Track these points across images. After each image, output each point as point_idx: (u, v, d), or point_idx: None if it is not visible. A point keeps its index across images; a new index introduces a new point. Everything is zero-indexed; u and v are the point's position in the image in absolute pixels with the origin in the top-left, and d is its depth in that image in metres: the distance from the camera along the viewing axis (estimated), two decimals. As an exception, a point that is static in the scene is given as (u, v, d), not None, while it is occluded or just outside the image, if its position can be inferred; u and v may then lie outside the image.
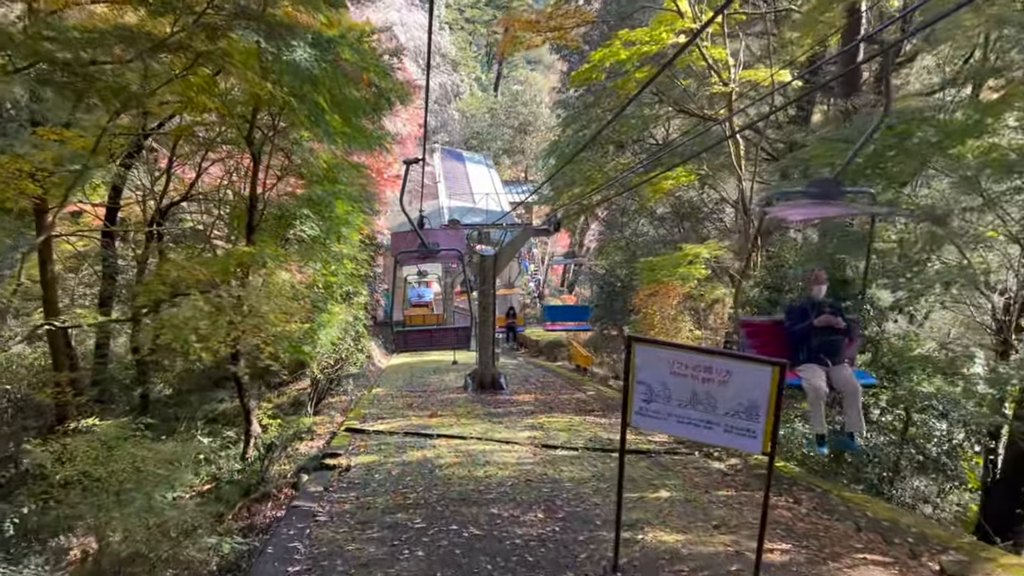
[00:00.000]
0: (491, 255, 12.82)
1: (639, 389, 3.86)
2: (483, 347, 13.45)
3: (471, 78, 45.39)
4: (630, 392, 3.95)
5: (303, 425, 10.23)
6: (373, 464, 7.75)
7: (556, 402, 12.32)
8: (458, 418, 10.54)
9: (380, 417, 10.77)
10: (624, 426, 4.12)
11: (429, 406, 11.91)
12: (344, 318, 9.88)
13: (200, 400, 14.80)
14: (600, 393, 13.37)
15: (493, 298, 13.16)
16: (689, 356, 3.66)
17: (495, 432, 9.37)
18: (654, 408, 3.82)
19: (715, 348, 5.06)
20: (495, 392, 13.32)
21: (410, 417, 10.72)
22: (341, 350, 11.17)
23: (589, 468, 7.30)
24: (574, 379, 15.70)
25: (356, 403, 12.66)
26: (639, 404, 3.89)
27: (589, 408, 11.55)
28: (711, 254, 10.05)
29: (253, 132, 9.08)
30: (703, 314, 11.61)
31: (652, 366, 3.77)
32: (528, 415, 10.84)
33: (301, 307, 7.75)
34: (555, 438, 8.93)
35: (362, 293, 10.99)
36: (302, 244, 8.07)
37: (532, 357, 23.26)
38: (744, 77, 10.44)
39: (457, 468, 7.38)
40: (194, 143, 12.03)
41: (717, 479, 6.93)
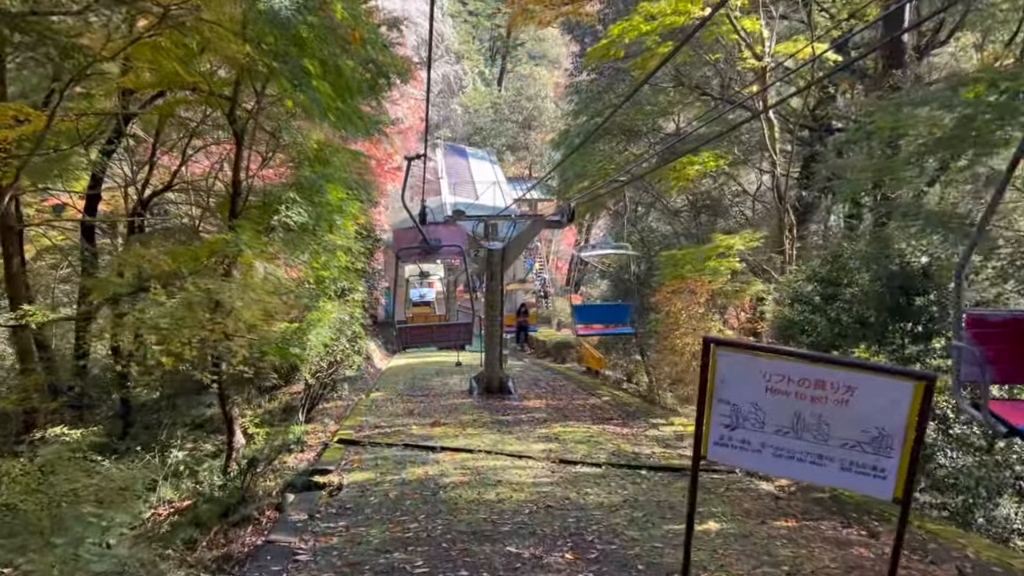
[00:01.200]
0: (499, 249, 11.82)
1: (720, 411, 2.86)
2: (490, 348, 12.45)
3: (474, 72, 44.34)
4: (706, 415, 2.94)
5: (293, 435, 9.25)
6: (368, 483, 6.76)
7: (570, 408, 11.32)
8: (463, 427, 9.55)
9: (377, 426, 9.78)
10: (697, 461, 3.10)
11: (431, 413, 10.92)
12: (338, 317, 8.90)
13: (187, 404, 13.88)
14: (616, 398, 12.36)
15: (501, 295, 12.16)
16: (795, 366, 2.66)
17: (506, 444, 8.37)
18: (741, 437, 2.82)
19: (830, 356, 3.60)
20: (503, 397, 12.32)
21: (411, 426, 9.73)
22: (335, 352, 10.19)
23: (618, 491, 6.29)
24: (586, 383, 14.70)
25: (352, 409, 11.67)
26: (719, 431, 2.88)
27: (607, 416, 10.54)
28: (745, 245, 9.06)
29: (236, 109, 8.10)
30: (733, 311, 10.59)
31: (741, 380, 2.77)
32: (540, 424, 9.84)
33: (286, 304, 6.78)
34: (573, 452, 7.93)
35: (359, 289, 10.01)
36: (289, 233, 7.10)
37: (539, 358, 22.27)
38: (780, 51, 9.43)
39: (464, 489, 6.38)
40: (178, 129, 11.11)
41: (769, 505, 5.92)
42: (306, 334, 7.70)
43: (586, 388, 13.79)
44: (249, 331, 6.31)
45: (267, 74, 6.23)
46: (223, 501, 7.87)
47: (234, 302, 5.57)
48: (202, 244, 6.67)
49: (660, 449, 8.14)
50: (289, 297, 6.68)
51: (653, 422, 9.81)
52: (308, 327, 7.80)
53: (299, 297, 6.73)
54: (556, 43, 52.98)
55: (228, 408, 8.66)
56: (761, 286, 8.75)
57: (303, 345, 7.82)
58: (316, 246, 7.64)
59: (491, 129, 42.06)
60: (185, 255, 6.20)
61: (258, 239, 6.33)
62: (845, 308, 6.32)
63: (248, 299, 5.68)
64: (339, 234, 9.12)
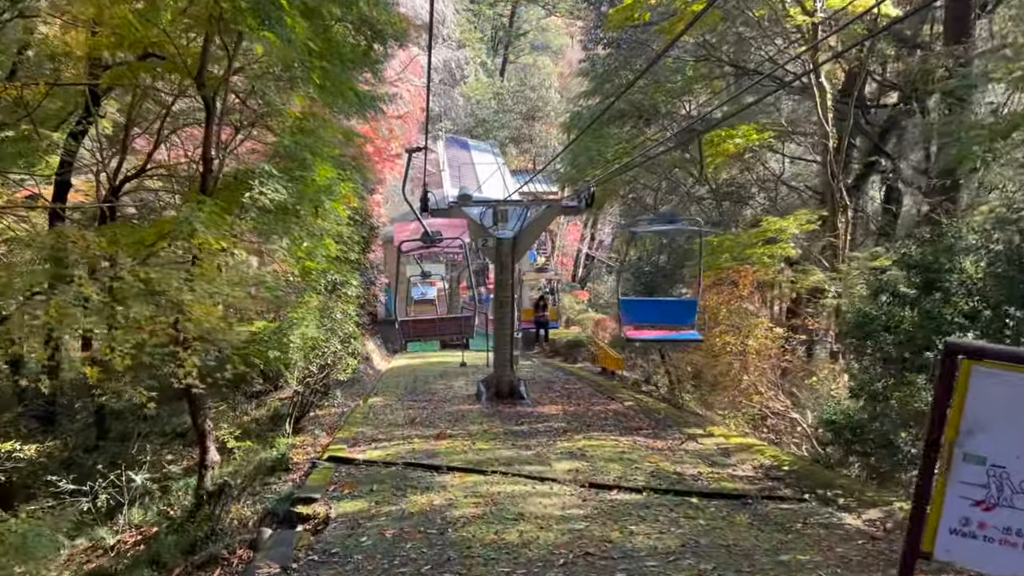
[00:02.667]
0: (509, 238, 10.59)
1: (965, 475, 1.62)
2: (499, 348, 11.23)
3: (476, 63, 42.99)
4: (939, 482, 1.70)
5: (278, 449, 8.04)
6: (360, 516, 5.54)
7: (590, 416, 10.08)
8: (473, 439, 8.32)
9: (374, 439, 8.56)
10: (912, 559, 1.84)
11: (435, 422, 9.70)
12: (328, 314, 7.66)
13: (169, 411, 12.72)
14: (640, 403, 11.12)
15: (512, 289, 10.93)
16: None
17: (523, 462, 7.15)
18: (1004, 522, 1.59)
19: None
20: (514, 402, 11.10)
21: (412, 439, 8.50)
22: (326, 355, 8.96)
23: (670, 528, 5.06)
24: (603, 385, 13.46)
25: (347, 418, 10.45)
26: (960, 511, 1.65)
27: (634, 425, 9.31)
28: (800, 228, 7.81)
29: (204, 71, 6.87)
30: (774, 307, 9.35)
31: (1018, 421, 1.55)
32: (560, 435, 8.62)
33: (255, 299, 5.56)
34: (605, 472, 6.70)
35: (352, 283, 8.79)
36: (265, 215, 5.89)
37: (548, 358, 21.04)
38: (832, 5, 8.16)
39: (479, 526, 5.15)
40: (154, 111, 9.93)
41: (866, 547, 4.69)
42: (287, 334, 6.49)
43: (604, 391, 12.56)
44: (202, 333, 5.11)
45: (232, 13, 4.99)
46: (190, 533, 6.68)
47: (181, 295, 4.36)
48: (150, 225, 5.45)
49: (706, 468, 6.90)
50: (260, 290, 5.48)
51: (689, 432, 8.57)
52: (289, 326, 6.58)
53: (271, 290, 5.54)
54: (559, 33, 51.74)
55: (201, 421, 7.44)
56: (820, 276, 7.54)
57: (284, 347, 6.60)
58: (298, 231, 6.42)
59: (494, 120, 40.71)
60: (127, 238, 4.99)
61: (221, 219, 5.12)
62: (946, 299, 5.13)
63: (201, 292, 4.48)
64: (328, 219, 7.89)
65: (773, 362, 7.97)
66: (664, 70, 14.40)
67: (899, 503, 5.39)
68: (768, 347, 7.86)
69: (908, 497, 5.73)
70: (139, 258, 4.58)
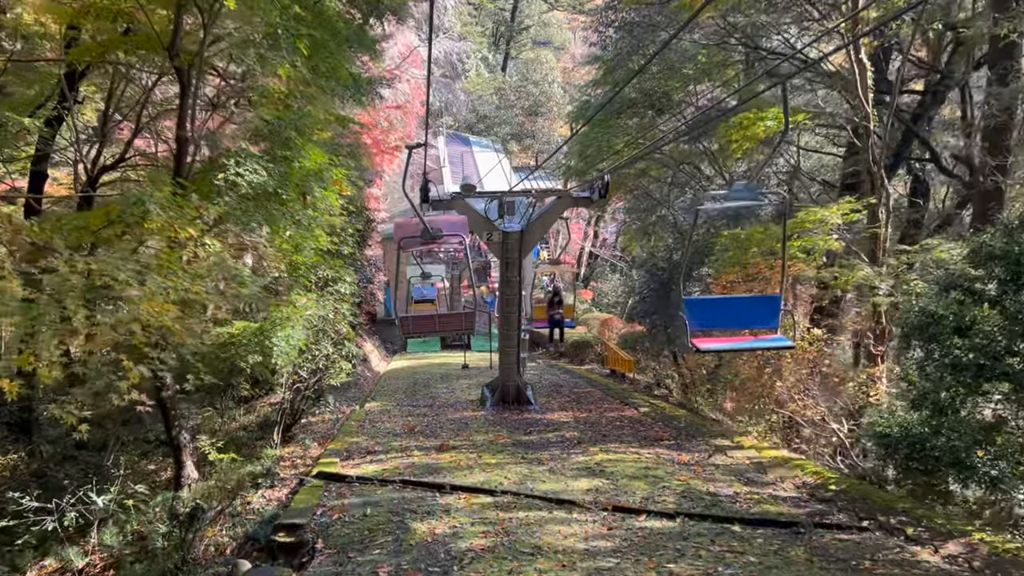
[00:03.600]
0: (516, 231, 9.81)
1: None
2: (505, 351, 10.45)
3: (477, 57, 42.19)
4: None
5: (263, 463, 7.27)
6: (352, 548, 4.77)
7: (604, 424, 9.31)
8: (479, 452, 7.55)
9: (370, 451, 7.79)
10: None
11: (437, 431, 8.93)
12: (318, 313, 6.87)
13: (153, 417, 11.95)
14: (656, 409, 10.35)
15: (519, 287, 10.15)
16: None
17: (536, 479, 6.37)
18: None
19: None
20: (521, 409, 10.33)
21: (411, 451, 7.73)
22: (318, 358, 8.18)
23: (716, 567, 4.28)
24: (613, 389, 12.69)
25: (341, 426, 9.68)
26: None
27: (654, 434, 8.53)
28: (843, 219, 7.03)
29: (178, 40, 6.09)
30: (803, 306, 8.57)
31: None
32: (574, 446, 7.84)
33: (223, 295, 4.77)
34: (630, 492, 5.93)
35: (346, 280, 8.00)
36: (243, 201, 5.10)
37: (553, 359, 20.28)
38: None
39: (490, 563, 4.38)
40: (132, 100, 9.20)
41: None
42: (268, 337, 5.71)
43: (616, 396, 11.79)
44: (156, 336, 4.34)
45: None
46: (159, 563, 5.90)
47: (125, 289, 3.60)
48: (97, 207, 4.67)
49: (742, 487, 6.13)
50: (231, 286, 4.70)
51: (717, 444, 7.80)
52: (272, 328, 5.80)
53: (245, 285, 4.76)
54: (561, 28, 50.92)
55: (176, 433, 6.68)
56: (866, 271, 6.75)
57: (266, 351, 5.83)
58: (282, 219, 5.64)
59: (495, 117, 39.97)
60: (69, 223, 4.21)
61: (183, 202, 4.34)
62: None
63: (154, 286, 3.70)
64: (319, 208, 7.10)
65: (809, 367, 7.20)
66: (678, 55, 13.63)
67: (979, 533, 4.61)
68: (806, 350, 7.10)
69: (987, 525, 4.96)
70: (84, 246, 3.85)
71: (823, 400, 7.29)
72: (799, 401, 7.30)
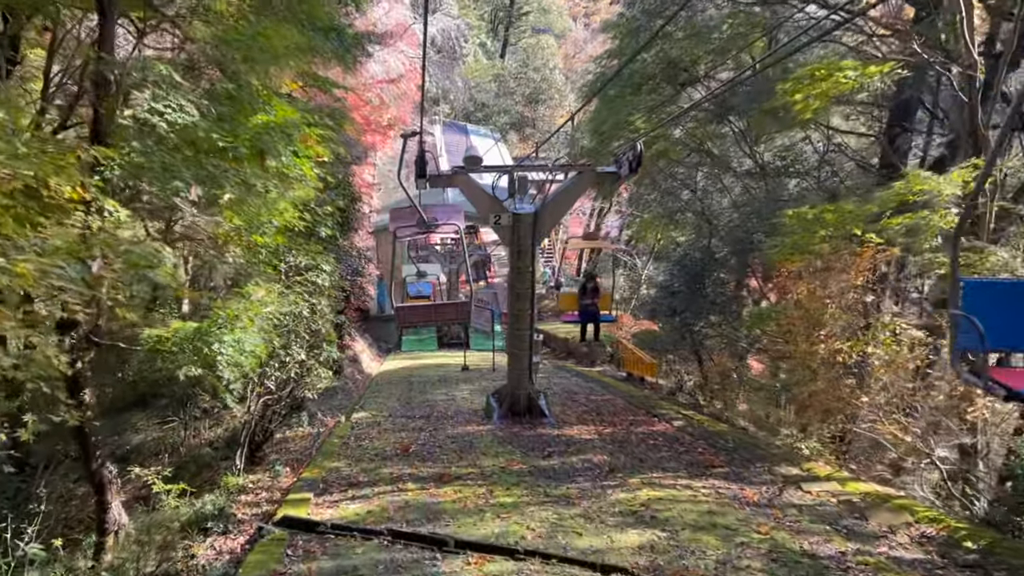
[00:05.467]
0: (529, 212, 8.25)
1: None
2: (514, 354, 8.92)
3: (475, 43, 40.50)
4: None
5: (217, 500, 5.71)
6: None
7: (635, 443, 7.79)
8: (489, 485, 6.00)
9: (353, 482, 6.24)
10: None
11: (436, 452, 7.39)
12: (280, 310, 5.27)
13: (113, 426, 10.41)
14: (692, 423, 8.82)
15: (532, 278, 8.60)
16: None
17: (568, 529, 4.84)
18: None
19: None
20: (534, 422, 8.80)
21: (405, 482, 6.18)
22: (288, 365, 6.60)
23: None
24: (635, 396, 11.14)
25: (322, 444, 8.13)
26: None
27: (702, 459, 7.00)
28: (963, 188, 5.49)
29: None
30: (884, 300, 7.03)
31: None
32: (607, 476, 6.32)
33: (99, 281, 3.22)
34: (698, 552, 4.40)
35: (324, 269, 6.43)
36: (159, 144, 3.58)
37: (559, 359, 18.74)
38: None
39: None
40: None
41: None
42: (209, 342, 4.15)
43: (640, 405, 10.25)
44: None
45: None
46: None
47: None
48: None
49: (846, 542, 4.61)
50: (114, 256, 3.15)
51: (783, 473, 6.28)
52: (215, 329, 4.25)
53: (139, 265, 3.26)
54: (562, 15, 49.24)
55: (97, 467, 5.10)
56: (1001, 255, 5.25)
57: (208, 360, 4.27)
58: (223, 178, 4.06)
59: (494, 105, 38.38)
60: None
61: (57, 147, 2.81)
62: None
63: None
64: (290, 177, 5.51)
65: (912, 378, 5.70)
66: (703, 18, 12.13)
67: None
68: (903, 357, 5.60)
69: None
70: None
71: (924, 422, 5.78)
72: (888, 421, 5.79)
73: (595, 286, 11.54)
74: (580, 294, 11.67)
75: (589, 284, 11.56)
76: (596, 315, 11.60)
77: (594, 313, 11.52)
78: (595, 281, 11.59)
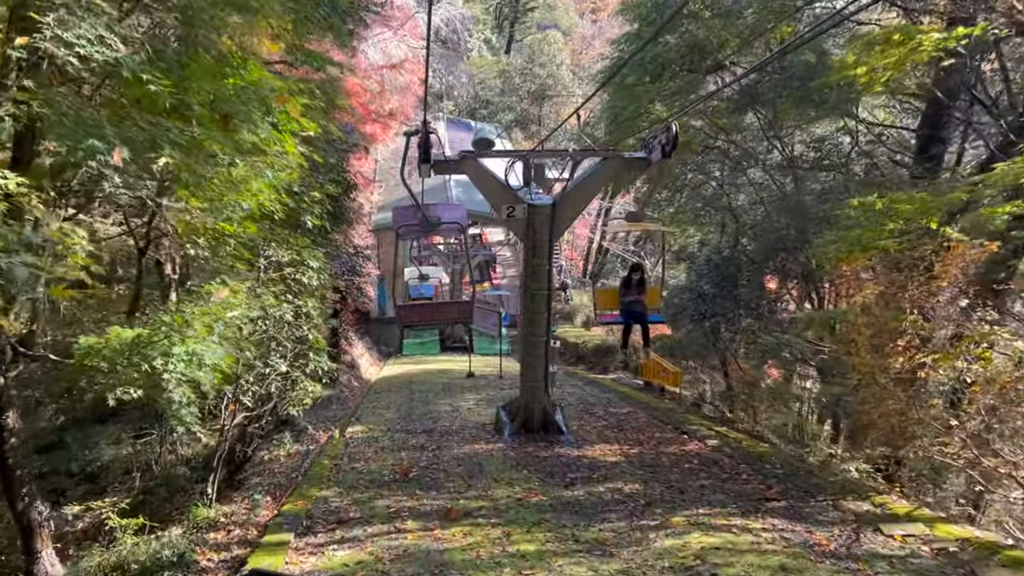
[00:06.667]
0: (547, 203, 7.27)
1: None
2: (529, 363, 7.94)
3: (480, 39, 39.57)
4: None
5: (178, 543, 4.74)
6: None
7: (667, 466, 6.80)
8: (505, 526, 5.01)
9: (343, 518, 5.25)
10: None
11: (440, 478, 6.40)
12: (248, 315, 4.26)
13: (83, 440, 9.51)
14: (728, 441, 7.82)
15: (549, 278, 7.62)
16: None
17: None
18: None
19: None
20: (550, 440, 7.82)
21: (404, 519, 5.19)
22: (268, 379, 5.60)
23: None
24: (658, 408, 10.13)
25: (311, 464, 7.16)
26: None
27: (749, 487, 6.01)
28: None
29: None
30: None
31: None
32: (644, 512, 5.33)
33: None
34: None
35: (311, 265, 5.45)
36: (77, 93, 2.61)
37: (569, 364, 17.76)
38: None
39: None
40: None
41: None
42: (149, 357, 3.18)
43: (664, 419, 9.26)
44: None
45: None
46: None
47: None
48: None
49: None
50: None
51: (853, 509, 5.28)
52: (164, 338, 3.27)
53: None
54: (568, 11, 48.23)
55: (25, 507, 4.11)
56: None
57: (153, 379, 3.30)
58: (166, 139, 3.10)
59: (499, 102, 37.46)
60: None
61: None
62: None
63: None
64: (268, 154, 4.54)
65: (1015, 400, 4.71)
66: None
67: None
68: (1008, 376, 4.62)
69: None
70: None
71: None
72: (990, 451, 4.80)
73: (641, 278, 9.18)
74: (622, 289, 9.34)
75: (635, 276, 9.20)
76: (643, 315, 9.10)
77: (640, 313, 9.07)
78: (642, 272, 9.24)
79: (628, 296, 9.02)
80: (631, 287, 9.04)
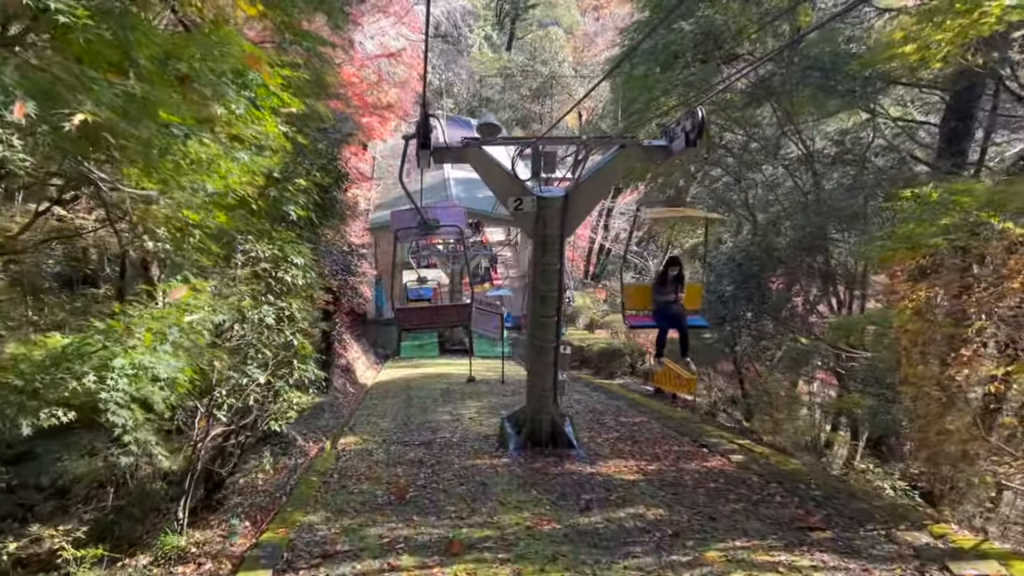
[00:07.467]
0: (558, 196, 6.61)
1: None
2: (536, 371, 7.28)
3: (480, 36, 38.89)
4: None
5: None
6: None
7: (691, 485, 6.15)
8: (515, 562, 4.35)
9: (329, 550, 4.59)
10: None
11: (440, 500, 5.74)
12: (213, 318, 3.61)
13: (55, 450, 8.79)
14: (751, 455, 7.17)
15: (560, 278, 6.97)
16: None
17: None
18: None
19: None
20: (559, 455, 7.16)
21: (399, 554, 4.53)
22: (246, 390, 4.93)
23: None
24: (672, 418, 9.48)
25: (298, 481, 6.50)
26: None
27: (787, 512, 5.35)
28: None
29: None
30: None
31: None
32: (671, 544, 4.67)
33: None
34: None
35: (294, 263, 4.81)
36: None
37: (572, 368, 17.05)
38: None
39: None
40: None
41: None
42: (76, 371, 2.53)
43: (680, 429, 8.61)
44: None
45: None
46: None
47: None
48: None
49: None
50: None
51: (910, 541, 4.63)
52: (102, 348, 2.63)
53: None
54: (570, 9, 47.59)
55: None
56: None
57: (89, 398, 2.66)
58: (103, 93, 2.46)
59: (500, 100, 36.81)
60: None
61: None
62: None
63: None
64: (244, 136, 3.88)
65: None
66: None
67: None
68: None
69: None
70: None
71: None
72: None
73: (679, 274, 7.67)
74: (656, 286, 7.77)
75: (671, 271, 7.65)
76: (680, 317, 7.53)
77: (677, 315, 7.51)
78: (679, 268, 7.70)
79: (664, 295, 7.55)
80: (667, 284, 7.58)
